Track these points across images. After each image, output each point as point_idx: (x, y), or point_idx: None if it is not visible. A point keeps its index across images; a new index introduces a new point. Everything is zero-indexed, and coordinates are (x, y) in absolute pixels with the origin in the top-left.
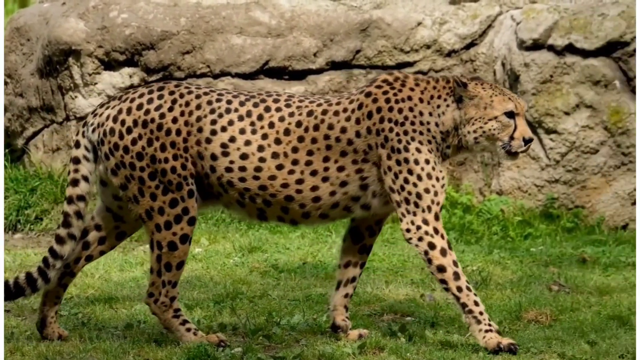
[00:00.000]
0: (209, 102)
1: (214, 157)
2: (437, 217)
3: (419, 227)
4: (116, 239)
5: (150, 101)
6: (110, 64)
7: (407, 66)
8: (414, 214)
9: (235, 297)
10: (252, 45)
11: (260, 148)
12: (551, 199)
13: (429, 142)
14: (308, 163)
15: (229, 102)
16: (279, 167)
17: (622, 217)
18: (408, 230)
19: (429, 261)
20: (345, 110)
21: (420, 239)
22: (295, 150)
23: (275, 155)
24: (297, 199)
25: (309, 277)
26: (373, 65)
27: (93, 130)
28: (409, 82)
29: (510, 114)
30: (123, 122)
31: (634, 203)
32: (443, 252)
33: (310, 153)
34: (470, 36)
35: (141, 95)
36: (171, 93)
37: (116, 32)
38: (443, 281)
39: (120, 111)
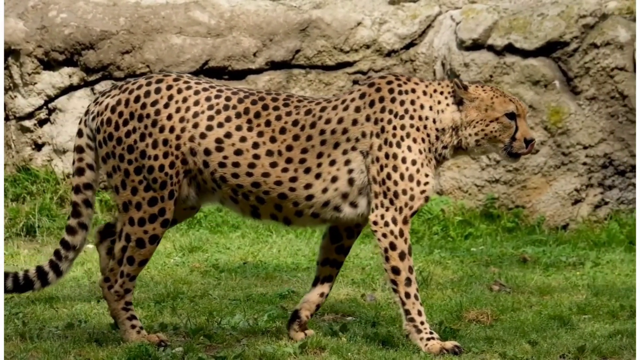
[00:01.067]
0: (208, 99)
1: (207, 152)
2: (405, 221)
3: (386, 224)
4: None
5: (147, 94)
6: (49, 64)
7: (347, 66)
8: (387, 209)
9: (176, 297)
10: (192, 45)
11: (255, 145)
12: (491, 199)
13: (423, 140)
14: (302, 161)
15: (227, 98)
16: (273, 164)
17: (562, 217)
18: (375, 223)
19: (387, 259)
20: (344, 101)
21: (384, 235)
22: (289, 148)
23: (269, 152)
24: (291, 197)
25: (249, 276)
26: (313, 65)
27: (93, 119)
28: (414, 78)
29: (511, 115)
30: (121, 114)
31: (574, 203)
32: (402, 256)
33: (304, 151)
34: (409, 36)
35: (139, 87)
36: (169, 88)
37: (55, 31)
38: (394, 282)
39: (119, 102)
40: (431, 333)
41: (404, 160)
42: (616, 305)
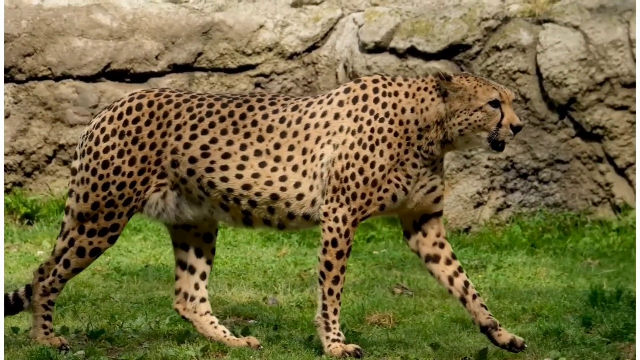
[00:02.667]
0: (189, 109)
1: (192, 160)
2: (354, 223)
3: (336, 219)
4: (206, 241)
5: (129, 111)
6: None
7: (249, 69)
8: (340, 205)
9: (78, 300)
10: (94, 48)
11: (243, 146)
12: None
13: (399, 145)
14: (289, 158)
15: (210, 105)
16: (262, 164)
17: (464, 220)
18: (326, 214)
19: (324, 252)
20: (329, 95)
21: (330, 229)
22: (277, 146)
23: (257, 152)
24: (282, 197)
25: (151, 279)
26: (215, 67)
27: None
28: (398, 78)
29: (495, 103)
30: (103, 130)
31: (476, 206)
32: (339, 255)
33: (291, 148)
34: (312, 39)
35: (122, 104)
36: (150, 104)
37: None
38: (322, 275)
39: (103, 119)
40: (338, 335)
41: (372, 165)
42: (518, 308)
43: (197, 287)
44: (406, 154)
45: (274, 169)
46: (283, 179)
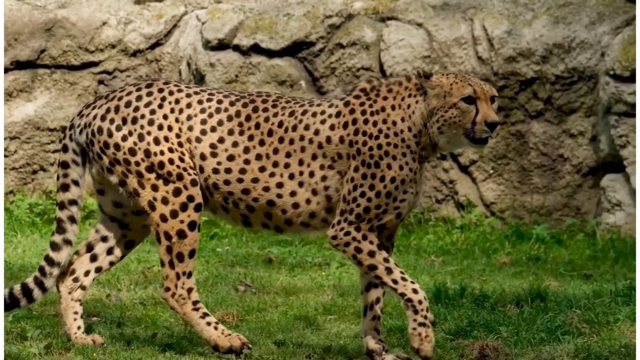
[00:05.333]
0: (200, 102)
1: (203, 156)
2: (372, 229)
3: (347, 233)
4: (125, 247)
5: (139, 98)
6: None
7: (93, 66)
8: (349, 224)
9: None
10: None
11: (246, 150)
12: None
13: (404, 154)
14: (286, 165)
15: (219, 101)
16: (262, 169)
17: None
18: (335, 237)
19: (359, 263)
20: (322, 112)
21: (346, 244)
22: (276, 151)
23: (259, 156)
24: (279, 204)
25: None
26: (58, 64)
27: (80, 132)
28: (382, 91)
29: (469, 99)
30: (112, 121)
31: None
32: (371, 254)
33: (288, 155)
34: (155, 36)
35: (129, 93)
36: (160, 90)
37: None
38: (377, 277)
39: (108, 110)
40: (425, 318)
41: (382, 179)
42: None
43: (87, 274)
44: (414, 162)
45: (271, 175)
46: (279, 185)
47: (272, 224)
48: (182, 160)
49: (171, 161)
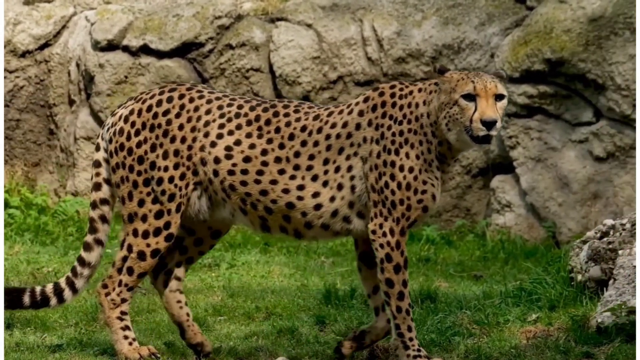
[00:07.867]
0: (220, 107)
1: (217, 160)
2: (402, 232)
3: (384, 234)
4: (212, 237)
5: (159, 103)
6: None
7: None
8: (385, 219)
9: None
10: None
11: (264, 152)
12: None
13: (421, 142)
14: (309, 168)
15: (240, 107)
16: (281, 171)
17: None
18: (374, 232)
19: (382, 270)
20: (349, 105)
21: (382, 245)
22: (297, 155)
23: (278, 159)
24: (299, 207)
25: None
26: None
27: (108, 130)
28: (417, 84)
29: (468, 97)
30: (133, 124)
31: None
32: (397, 268)
33: (311, 157)
34: (44, 37)
35: (152, 97)
36: (181, 97)
37: None
38: (387, 295)
39: (132, 112)
40: (419, 351)
41: (401, 169)
42: (252, 306)
43: (179, 265)
44: (430, 154)
45: (292, 177)
46: (301, 188)
47: (291, 228)
48: (182, 178)
49: (171, 179)
